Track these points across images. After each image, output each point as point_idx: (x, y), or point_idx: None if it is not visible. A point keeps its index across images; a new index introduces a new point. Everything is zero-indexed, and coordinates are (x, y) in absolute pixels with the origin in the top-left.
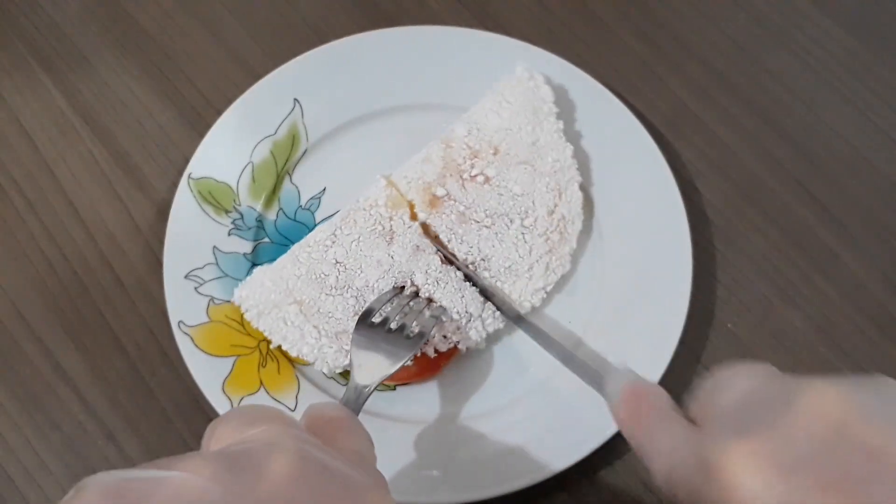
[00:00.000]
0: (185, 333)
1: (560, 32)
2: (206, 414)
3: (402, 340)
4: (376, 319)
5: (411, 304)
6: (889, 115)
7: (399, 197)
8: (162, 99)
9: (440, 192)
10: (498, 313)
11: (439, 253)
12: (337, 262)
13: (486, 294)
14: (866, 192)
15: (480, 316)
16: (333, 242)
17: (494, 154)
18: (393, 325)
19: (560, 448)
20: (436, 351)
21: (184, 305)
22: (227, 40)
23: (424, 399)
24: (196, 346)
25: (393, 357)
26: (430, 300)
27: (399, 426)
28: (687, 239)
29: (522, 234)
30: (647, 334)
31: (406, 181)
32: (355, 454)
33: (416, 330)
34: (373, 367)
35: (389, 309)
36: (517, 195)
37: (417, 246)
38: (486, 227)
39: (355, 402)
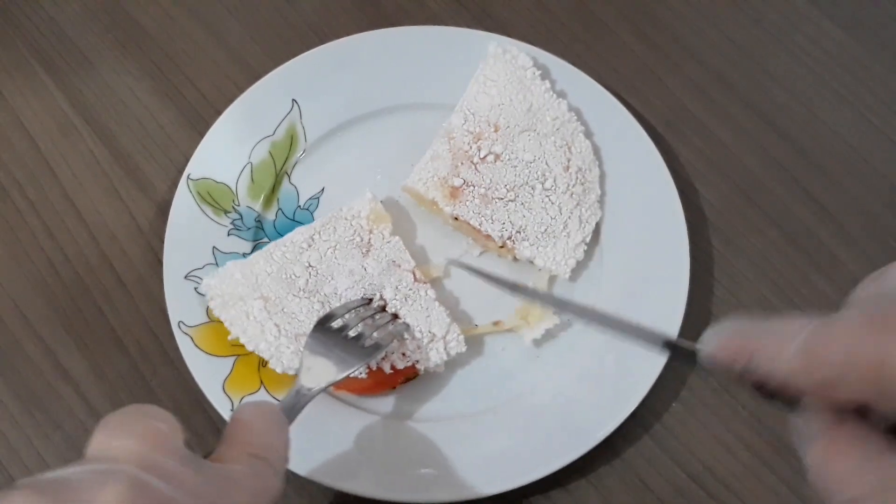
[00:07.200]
0: (185, 333)
1: (559, 33)
2: (207, 413)
3: (356, 349)
4: (335, 325)
5: (375, 316)
6: (887, 116)
7: (383, 213)
8: (162, 99)
9: (457, 182)
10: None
11: (414, 270)
12: (310, 266)
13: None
14: (865, 192)
15: (444, 338)
16: (310, 246)
17: (496, 131)
18: (351, 333)
19: (556, 448)
20: (392, 367)
21: (184, 306)
22: (228, 40)
23: (419, 398)
24: (196, 346)
25: (343, 364)
26: (395, 316)
27: (394, 424)
28: (684, 239)
29: (547, 196)
30: None
31: (423, 183)
32: (248, 457)
33: (373, 341)
34: (321, 371)
35: (351, 317)
36: (529, 162)
37: (393, 261)
38: (511, 200)
39: (295, 405)
